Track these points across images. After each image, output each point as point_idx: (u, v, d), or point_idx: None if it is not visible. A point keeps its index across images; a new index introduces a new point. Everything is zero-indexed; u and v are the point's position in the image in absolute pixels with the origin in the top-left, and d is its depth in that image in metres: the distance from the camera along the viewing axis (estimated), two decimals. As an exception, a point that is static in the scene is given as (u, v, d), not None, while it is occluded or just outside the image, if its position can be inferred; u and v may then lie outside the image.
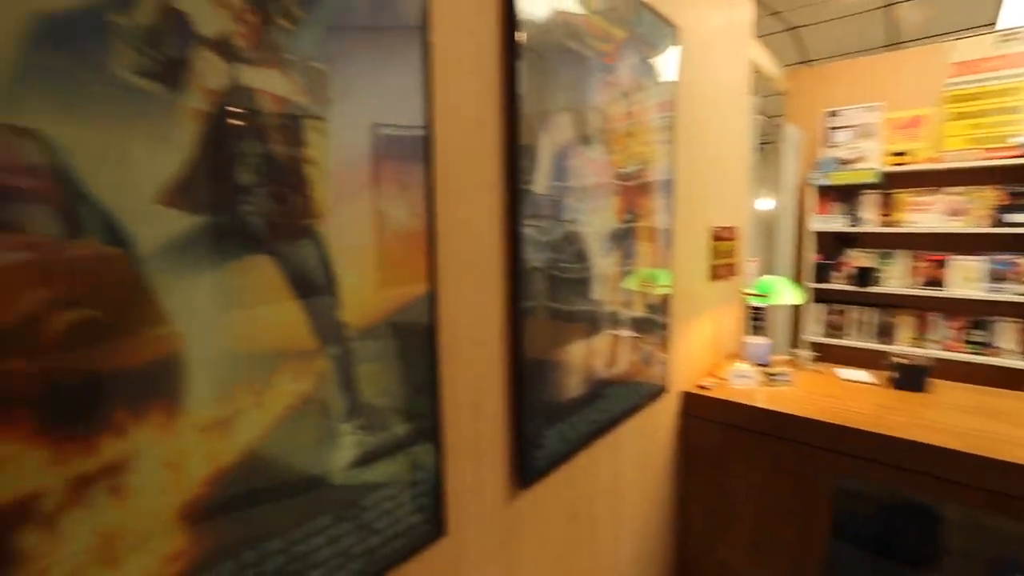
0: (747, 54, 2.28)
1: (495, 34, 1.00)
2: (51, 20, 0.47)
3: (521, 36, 1.01)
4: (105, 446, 0.53)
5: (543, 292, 1.15)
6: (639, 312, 1.55)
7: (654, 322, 1.64)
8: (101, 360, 0.51)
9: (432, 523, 0.92)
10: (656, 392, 1.69)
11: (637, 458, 1.64)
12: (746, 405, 1.75)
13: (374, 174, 0.76)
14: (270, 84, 0.62)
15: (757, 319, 2.41)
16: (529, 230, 1.08)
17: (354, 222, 0.74)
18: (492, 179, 1.02)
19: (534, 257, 1.10)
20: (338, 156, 0.71)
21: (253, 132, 0.61)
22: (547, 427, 1.20)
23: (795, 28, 3.65)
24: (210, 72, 0.57)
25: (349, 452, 0.77)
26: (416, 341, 0.85)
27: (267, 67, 0.62)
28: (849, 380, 1.98)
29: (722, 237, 2.13)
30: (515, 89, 1.02)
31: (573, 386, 1.28)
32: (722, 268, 2.16)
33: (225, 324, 0.60)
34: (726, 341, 2.27)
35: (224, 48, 0.58)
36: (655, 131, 1.52)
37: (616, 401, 1.47)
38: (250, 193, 0.61)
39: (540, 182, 1.10)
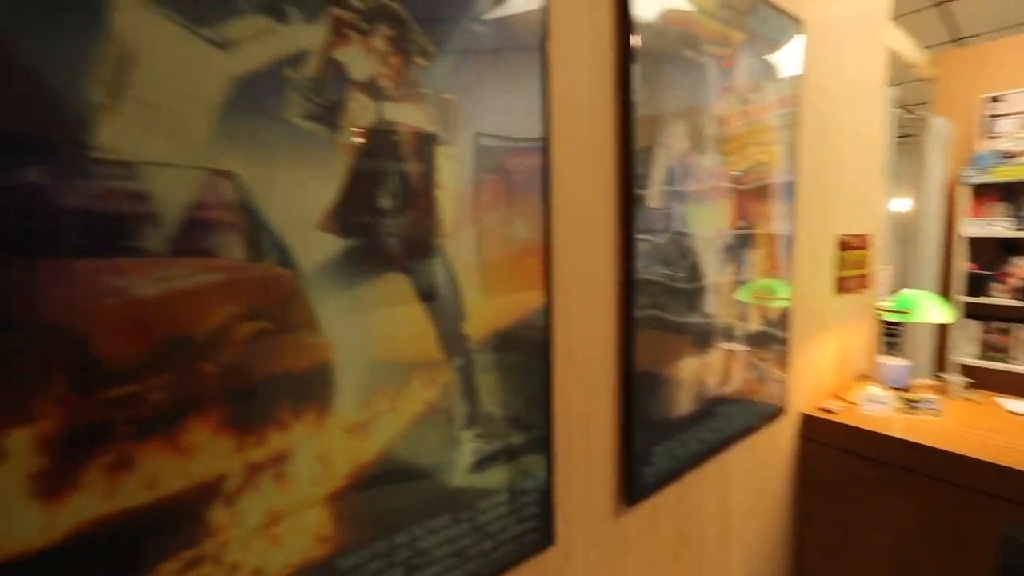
0: (883, 40, 2.05)
1: (610, 47, 1.00)
2: (244, 80, 0.56)
3: (635, 50, 1.00)
4: (272, 439, 0.61)
5: (655, 304, 1.12)
6: (755, 326, 1.46)
7: (771, 337, 1.54)
8: (272, 365, 0.60)
9: (541, 532, 0.94)
10: (772, 413, 1.58)
11: (750, 482, 1.54)
12: (880, 434, 1.57)
13: (495, 193, 0.80)
14: (407, 117, 0.69)
15: (892, 337, 2.16)
16: (642, 242, 1.07)
17: (477, 239, 0.78)
18: (606, 192, 1.02)
19: (646, 269, 1.09)
20: (464, 178, 0.76)
21: (392, 161, 0.68)
22: (656, 444, 1.17)
23: (944, 2, 3.22)
24: (360, 111, 0.64)
25: (467, 457, 0.81)
26: (531, 353, 0.88)
27: (405, 101, 0.68)
28: (1018, 414, 1.70)
29: (851, 246, 1.94)
30: (629, 103, 1.02)
31: (683, 403, 1.24)
32: (851, 280, 1.97)
33: (366, 335, 0.67)
34: (854, 361, 2.06)
35: (371, 89, 0.65)
36: (774, 130, 1.43)
37: (728, 420, 1.39)
38: (388, 216, 0.68)
39: (653, 193, 1.08)
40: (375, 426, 0.70)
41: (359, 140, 0.64)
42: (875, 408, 1.73)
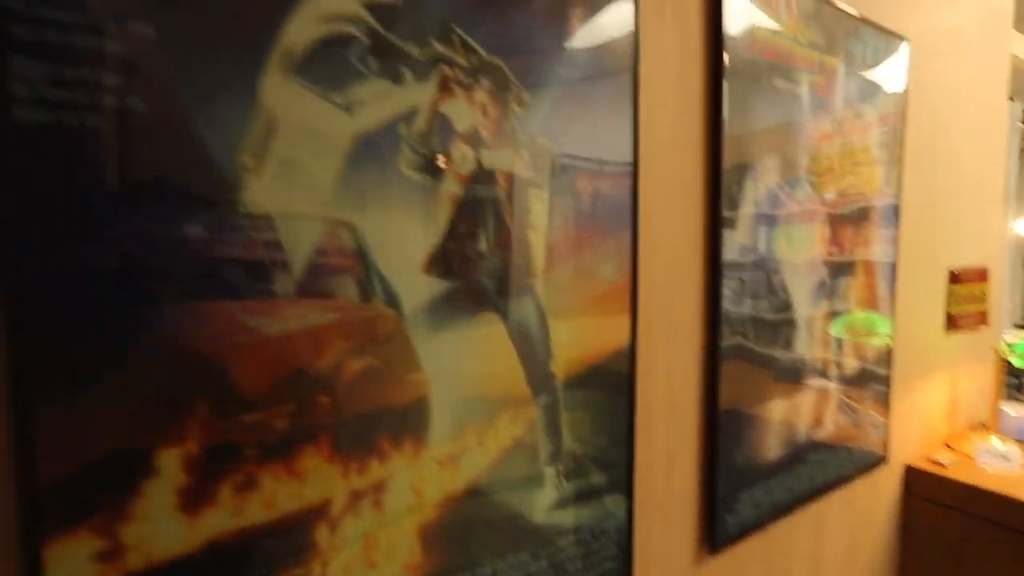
0: (1006, 50, 1.87)
1: (700, 80, 1.00)
2: (363, 137, 0.61)
3: (725, 84, 0.99)
4: (373, 468, 0.66)
5: (741, 341, 1.08)
6: (851, 365, 1.36)
7: (871, 378, 1.43)
8: (376, 398, 0.64)
9: (620, 575, 0.92)
10: (871, 462, 1.45)
11: (845, 537, 1.42)
12: (1003, 496, 1.40)
13: (584, 234, 0.82)
14: (504, 163, 0.72)
15: (1018, 382, 1.93)
16: (729, 277, 1.04)
17: (566, 280, 0.80)
18: (694, 227, 1.01)
19: (733, 304, 1.06)
20: (555, 220, 0.78)
21: (489, 206, 0.71)
22: (741, 489, 1.12)
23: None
24: (461, 160, 0.68)
25: (549, 494, 0.82)
26: (615, 392, 0.88)
27: (502, 148, 0.72)
28: None
29: (964, 279, 1.76)
30: (719, 136, 1.00)
31: (771, 447, 1.18)
32: (964, 317, 1.78)
33: (460, 372, 0.70)
34: (969, 408, 1.86)
35: (472, 138, 0.69)
36: (874, 150, 1.34)
37: (820, 468, 1.30)
38: (484, 259, 0.71)
39: (742, 225, 1.05)
40: (464, 459, 0.72)
41: (460, 187, 0.68)
42: (996, 464, 1.55)
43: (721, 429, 1.06)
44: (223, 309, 0.55)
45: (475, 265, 0.70)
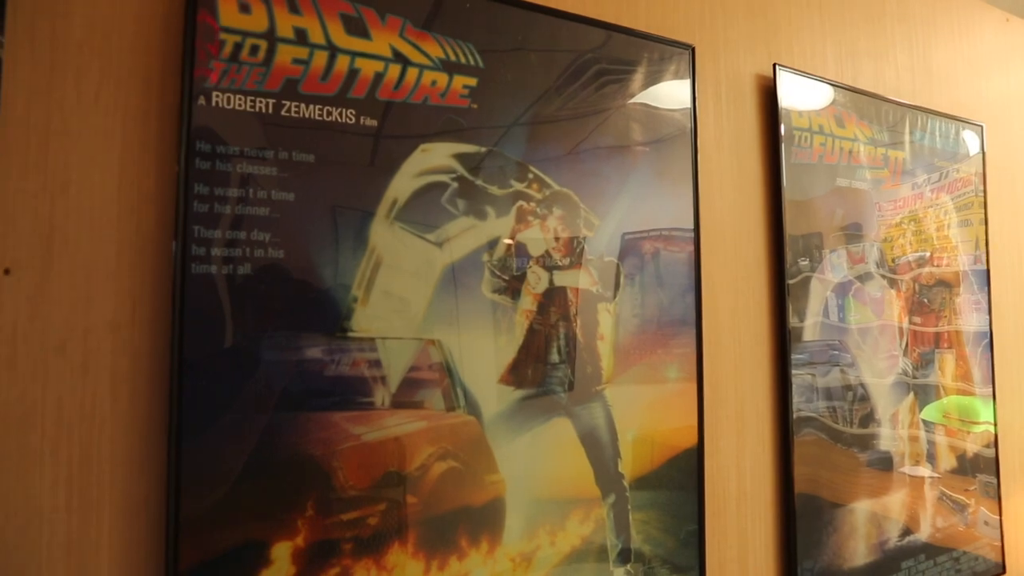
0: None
1: (760, 193, 1.04)
2: (451, 267, 0.71)
3: (785, 192, 1.03)
4: (452, 565, 0.71)
5: (816, 440, 1.05)
6: (949, 454, 1.26)
7: (976, 469, 1.31)
8: (459, 498, 0.71)
9: None
10: (986, 571, 1.31)
11: (958, 657, 1.26)
12: None
13: (651, 341, 0.86)
14: (575, 281, 0.80)
15: None
16: (799, 376, 1.03)
17: (634, 384, 0.84)
18: (760, 330, 1.02)
19: (806, 402, 1.04)
20: (623, 330, 0.84)
21: (561, 321, 0.79)
22: (826, 597, 1.05)
23: None
24: (536, 281, 0.77)
25: (619, 595, 0.83)
26: (683, 491, 0.89)
27: (573, 268, 0.80)
28: None
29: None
30: (782, 248, 1.03)
31: (857, 551, 1.10)
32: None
33: (533, 474, 0.76)
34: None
35: (545, 261, 0.78)
36: (951, 214, 1.30)
37: (921, 576, 1.19)
38: (556, 368, 0.77)
39: (811, 325, 1.05)
40: (536, 558, 0.76)
41: (534, 305, 0.76)
42: None
43: (799, 523, 1.01)
44: (332, 419, 0.65)
45: (548, 375, 0.77)
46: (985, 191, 1.37)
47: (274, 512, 0.62)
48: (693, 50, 0.94)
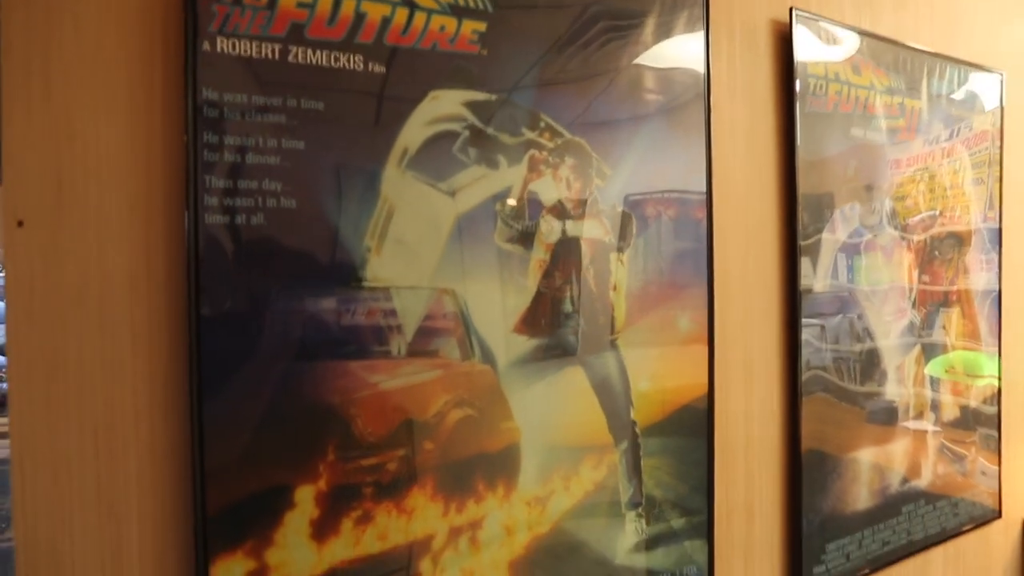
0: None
1: (773, 136, 1.02)
2: (464, 216, 0.71)
3: (798, 144, 1.01)
4: (470, 507, 0.73)
5: (824, 385, 1.07)
6: (952, 408, 1.28)
7: (977, 421, 1.33)
8: (475, 445, 0.72)
9: (701, 622, 0.93)
10: (982, 516, 1.35)
11: (953, 598, 1.32)
12: None
13: (662, 290, 0.87)
14: (588, 231, 0.79)
15: None
16: (809, 328, 1.04)
17: (646, 334, 0.85)
18: (769, 281, 1.02)
19: (814, 351, 1.05)
20: (635, 280, 0.84)
21: (574, 271, 0.78)
22: (828, 540, 1.09)
23: None
24: (549, 231, 0.76)
25: (630, 537, 0.85)
26: (694, 439, 0.91)
27: (586, 218, 0.79)
28: None
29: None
30: (794, 196, 1.01)
31: (861, 496, 1.13)
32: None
33: (547, 421, 0.77)
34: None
35: (558, 211, 0.77)
36: (966, 170, 1.28)
37: (919, 521, 1.23)
38: (569, 318, 0.78)
39: (821, 277, 1.05)
40: (551, 502, 0.78)
41: (547, 255, 0.76)
42: None
43: (804, 474, 1.04)
44: (350, 368, 0.65)
45: (561, 324, 0.77)
46: (1002, 144, 1.35)
47: (296, 458, 0.63)
48: (707, -7, 0.91)
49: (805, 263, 1.03)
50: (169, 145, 0.61)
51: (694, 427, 0.91)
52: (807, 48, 1.01)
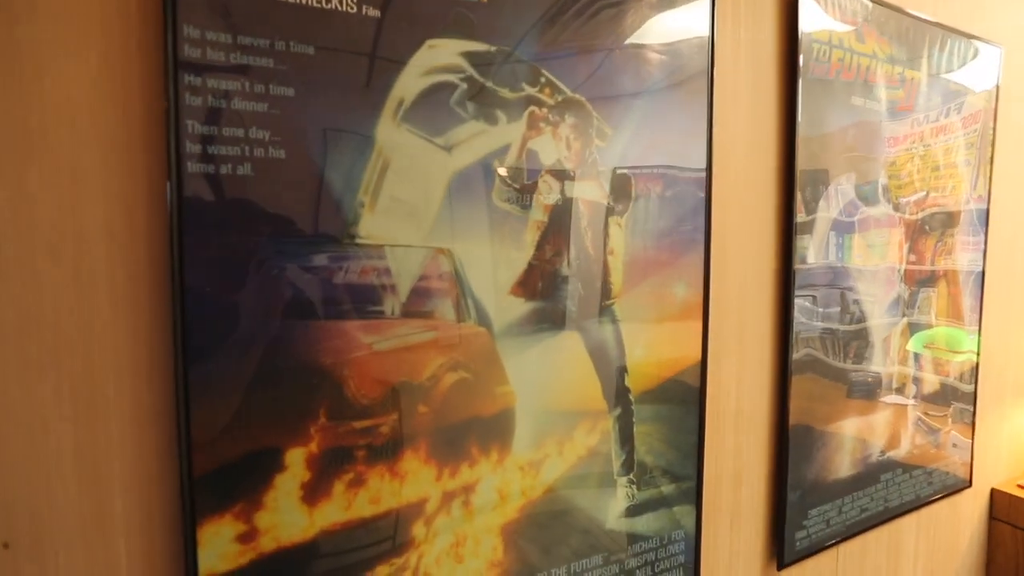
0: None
1: (774, 112, 1.00)
2: (461, 173, 0.68)
3: (799, 109, 0.99)
4: (463, 471, 0.72)
5: (812, 358, 1.08)
6: (932, 383, 1.31)
7: (953, 397, 1.37)
8: (469, 408, 0.71)
9: (687, 584, 0.95)
10: (953, 485, 1.39)
11: (923, 562, 1.37)
12: (1106, 526, 1.31)
13: (660, 256, 0.85)
14: (587, 193, 0.77)
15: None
16: (801, 297, 1.04)
17: (642, 299, 0.84)
18: (765, 250, 1.02)
19: (804, 323, 1.05)
20: (632, 245, 0.82)
21: (572, 233, 0.76)
22: (811, 507, 1.11)
23: None
24: (547, 191, 0.74)
25: (621, 502, 0.86)
26: (686, 406, 0.91)
27: (585, 179, 0.77)
28: None
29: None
30: (792, 155, 1.00)
31: (843, 465, 1.16)
32: (1063, 334, 1.66)
33: (542, 386, 0.76)
34: (1067, 430, 1.73)
35: (557, 171, 0.75)
36: (960, 155, 1.29)
37: (896, 489, 1.27)
38: (566, 282, 0.76)
39: (816, 249, 1.05)
40: (544, 466, 0.78)
41: (545, 216, 0.74)
42: (1097, 493, 1.44)
43: (791, 445, 1.06)
44: (342, 328, 0.63)
45: (558, 287, 0.76)
46: (995, 120, 1.35)
47: (287, 420, 0.61)
48: (714, -47, 0.88)
49: (801, 236, 1.02)
50: (147, 86, 0.57)
51: (686, 395, 0.91)
52: (812, 13, 0.99)
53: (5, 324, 0.54)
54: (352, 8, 0.62)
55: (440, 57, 0.66)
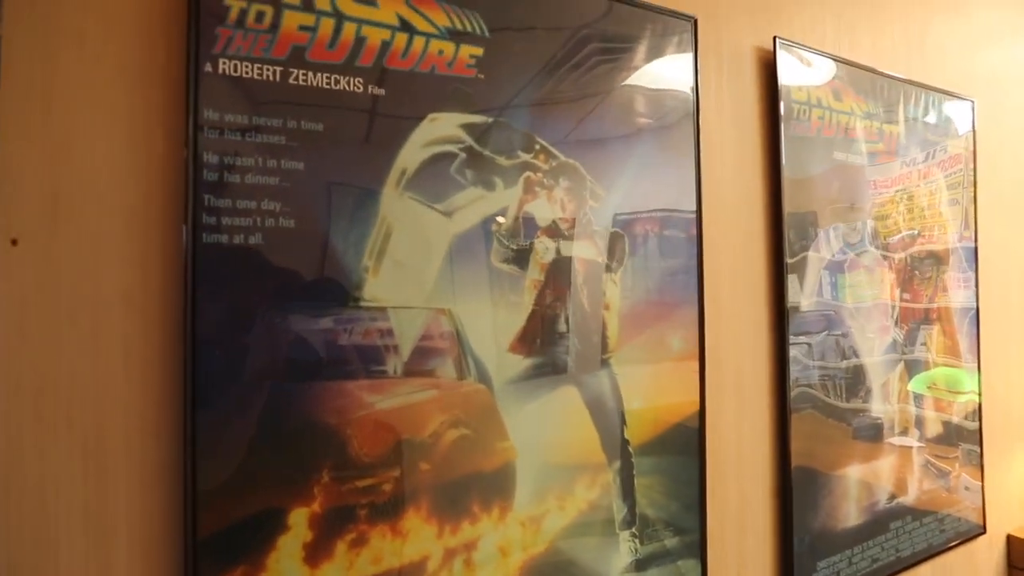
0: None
1: (759, 164, 1.05)
2: (460, 236, 0.72)
3: (784, 171, 1.04)
4: (464, 528, 0.72)
5: (812, 405, 1.08)
6: (935, 424, 1.30)
7: (959, 437, 1.36)
8: (470, 464, 0.72)
9: (696, 642, 0.93)
10: (967, 532, 1.36)
11: (941, 614, 1.33)
12: None
13: (654, 310, 0.88)
14: (582, 251, 0.80)
15: None
16: (796, 346, 1.06)
17: (638, 352, 0.86)
18: (758, 299, 1.04)
19: (801, 370, 1.07)
20: (627, 300, 0.85)
21: (568, 290, 0.79)
22: (819, 557, 1.09)
23: None
24: (544, 251, 0.77)
25: (625, 556, 0.85)
26: (686, 457, 0.91)
27: (580, 239, 0.80)
28: None
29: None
30: (780, 216, 1.04)
31: (850, 513, 1.15)
32: (1066, 374, 1.66)
33: (542, 441, 0.77)
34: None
35: (553, 231, 0.78)
36: (941, 192, 1.33)
37: (908, 537, 1.24)
38: (564, 338, 0.79)
39: (808, 295, 1.08)
40: (545, 522, 0.78)
41: (542, 275, 0.77)
42: (1115, 539, 1.41)
43: (795, 488, 1.05)
44: (346, 388, 0.65)
45: (556, 343, 0.78)
46: (975, 167, 1.40)
47: (291, 479, 0.63)
48: (696, 21, 0.94)
49: (792, 281, 1.05)
50: (168, 164, 0.61)
51: (686, 445, 0.91)
52: (790, 74, 1.05)
53: (24, 387, 0.56)
54: (359, 88, 0.67)
55: (440, 129, 0.71)
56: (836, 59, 1.14)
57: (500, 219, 0.74)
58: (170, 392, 0.61)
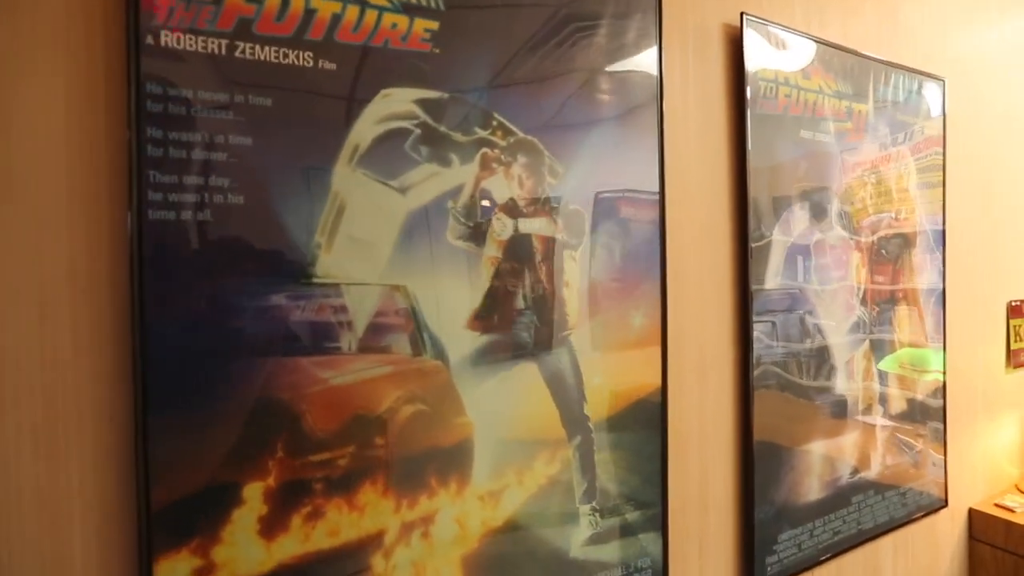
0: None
1: (725, 143, 1.05)
2: (415, 213, 0.71)
3: (749, 149, 1.04)
4: (422, 502, 0.73)
5: (776, 379, 1.10)
6: (900, 401, 1.33)
7: (924, 415, 1.39)
8: (427, 440, 0.73)
9: (656, 612, 0.95)
10: (929, 505, 1.40)
11: (902, 584, 1.37)
12: (1078, 545, 1.32)
13: (615, 287, 0.88)
14: (540, 228, 0.80)
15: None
16: (760, 323, 1.07)
17: (599, 329, 0.87)
18: (722, 279, 1.05)
19: (765, 347, 1.08)
20: (587, 277, 0.85)
21: (527, 267, 0.80)
22: (780, 530, 1.12)
23: None
24: (501, 228, 0.77)
25: (585, 530, 0.87)
26: (647, 433, 0.93)
27: (538, 216, 0.80)
28: None
29: (1029, 313, 1.68)
30: (745, 195, 1.05)
31: (812, 488, 1.17)
32: (1031, 353, 1.70)
33: (500, 416, 0.78)
34: (1042, 448, 1.75)
35: (511, 208, 0.78)
36: (911, 175, 1.34)
37: (870, 511, 1.28)
38: (522, 314, 0.79)
39: (772, 275, 1.09)
40: (504, 496, 0.79)
41: (500, 252, 0.77)
42: (1071, 511, 1.45)
43: (757, 466, 1.07)
44: (299, 364, 0.65)
45: (513, 320, 0.78)
46: (945, 148, 1.41)
47: (245, 454, 0.63)
48: (660, -3, 0.93)
49: (757, 262, 1.06)
50: (112, 139, 0.60)
51: (648, 421, 0.93)
52: (757, 52, 1.04)
53: (-33, 366, 0.56)
54: (308, 62, 0.66)
55: (394, 105, 0.70)
56: (806, 36, 1.13)
57: (463, 198, 0.74)
58: (122, 371, 0.61)
